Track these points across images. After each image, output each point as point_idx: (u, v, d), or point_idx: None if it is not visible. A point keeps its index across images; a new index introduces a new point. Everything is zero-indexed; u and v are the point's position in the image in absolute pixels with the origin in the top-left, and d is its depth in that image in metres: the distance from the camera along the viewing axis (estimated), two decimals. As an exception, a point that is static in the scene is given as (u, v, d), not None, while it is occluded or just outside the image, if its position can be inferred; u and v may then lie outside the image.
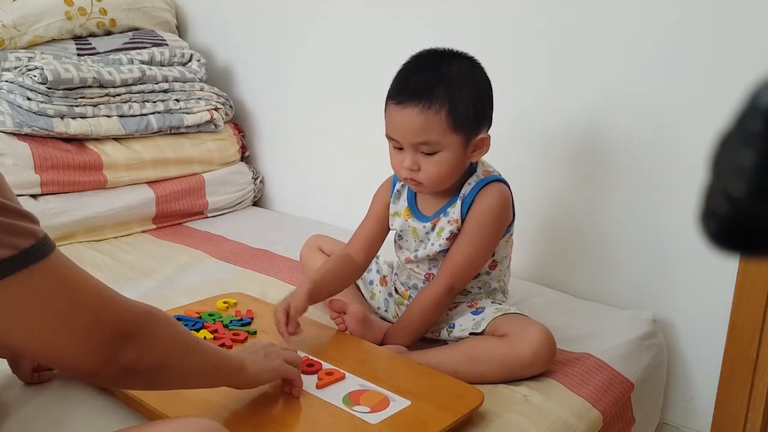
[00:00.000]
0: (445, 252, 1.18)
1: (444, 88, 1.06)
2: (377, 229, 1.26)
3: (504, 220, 1.16)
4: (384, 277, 1.33)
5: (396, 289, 1.29)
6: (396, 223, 1.24)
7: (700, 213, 0.35)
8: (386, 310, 1.30)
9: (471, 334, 1.14)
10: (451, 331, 1.18)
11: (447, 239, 1.16)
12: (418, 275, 1.23)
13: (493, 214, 1.14)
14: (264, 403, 0.95)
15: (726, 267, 1.29)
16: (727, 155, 0.33)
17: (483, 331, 1.13)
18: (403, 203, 1.23)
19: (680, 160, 1.33)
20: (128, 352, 0.68)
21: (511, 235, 1.22)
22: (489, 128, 1.15)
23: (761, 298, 1.26)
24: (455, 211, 1.15)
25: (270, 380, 0.93)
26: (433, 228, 1.18)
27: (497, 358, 1.08)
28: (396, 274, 1.31)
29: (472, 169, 1.18)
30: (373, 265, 1.34)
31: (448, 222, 1.16)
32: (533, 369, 1.09)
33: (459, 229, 1.16)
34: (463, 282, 1.17)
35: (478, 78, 1.12)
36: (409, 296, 1.25)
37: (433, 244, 1.18)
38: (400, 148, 1.11)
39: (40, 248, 0.63)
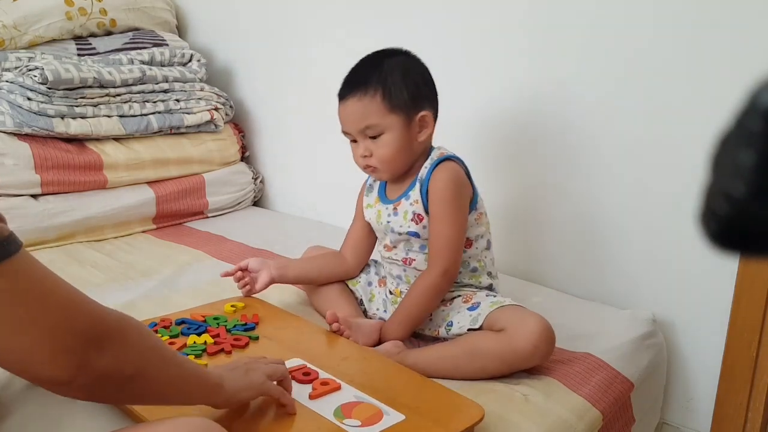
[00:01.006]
0: (414, 234, 1.21)
1: (377, 77, 1.17)
2: (362, 229, 1.35)
3: (464, 193, 1.20)
4: (383, 278, 1.35)
5: (390, 290, 1.31)
6: (368, 214, 1.30)
7: (700, 213, 0.35)
8: (385, 311, 1.31)
9: (469, 330, 1.14)
10: (450, 329, 1.18)
11: (412, 220, 1.21)
12: (396, 262, 1.26)
13: (450, 190, 1.18)
14: (252, 413, 0.92)
15: (726, 267, 1.29)
16: (727, 155, 0.33)
17: (481, 326, 1.13)
18: (374, 194, 1.30)
19: (680, 160, 1.33)
20: (102, 358, 0.64)
21: (481, 213, 1.24)
22: (434, 110, 1.22)
23: (761, 298, 1.26)
24: (415, 193, 1.21)
25: (249, 399, 0.89)
26: (395, 210, 1.24)
27: (496, 352, 1.08)
28: (387, 275, 1.32)
29: (428, 154, 1.23)
30: (371, 269, 1.37)
31: (410, 204, 1.22)
32: (533, 361, 1.10)
33: (424, 211, 1.20)
34: (454, 262, 1.19)
35: (411, 65, 1.22)
36: (400, 292, 1.27)
37: (401, 226, 1.22)
38: (355, 141, 1.21)
39: (2, 247, 0.59)
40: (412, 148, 1.20)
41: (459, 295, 1.22)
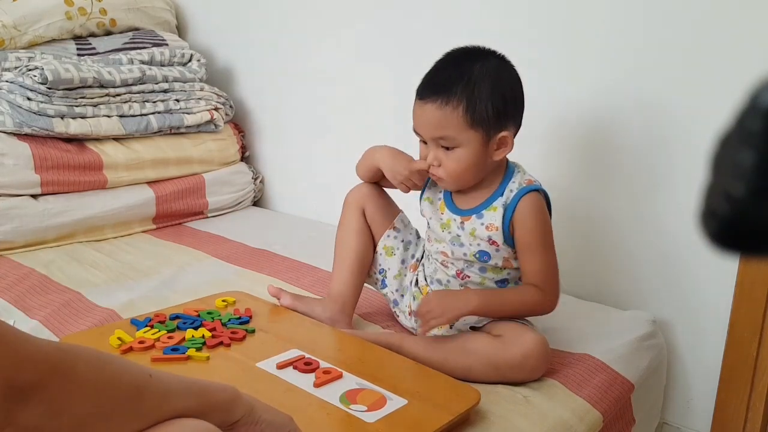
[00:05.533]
0: (484, 254, 1.15)
1: (463, 86, 1.07)
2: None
3: (550, 226, 1.17)
4: (416, 262, 1.29)
5: (417, 280, 1.27)
6: (426, 210, 1.23)
7: (700, 213, 0.35)
8: (402, 295, 1.27)
9: (472, 328, 1.16)
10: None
11: (487, 241, 1.14)
12: (447, 270, 1.20)
13: (543, 219, 1.14)
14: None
15: (726, 267, 1.29)
16: (727, 155, 0.33)
17: (483, 327, 1.14)
18: (439, 195, 1.21)
19: (681, 160, 1.33)
20: (30, 410, 0.51)
21: None
22: (517, 127, 1.14)
23: (761, 298, 1.26)
24: (495, 217, 1.13)
25: None
26: (462, 224, 1.16)
27: (486, 354, 1.08)
28: (423, 264, 1.27)
29: (509, 173, 1.16)
30: (411, 247, 1.30)
31: (483, 225, 1.14)
32: (520, 373, 1.08)
33: (502, 239, 1.13)
34: (557, 292, 1.15)
35: (502, 76, 1.11)
36: (428, 292, 1.22)
37: (471, 245, 1.15)
38: (425, 142, 1.14)
39: None
40: (484, 165, 1.12)
41: None
